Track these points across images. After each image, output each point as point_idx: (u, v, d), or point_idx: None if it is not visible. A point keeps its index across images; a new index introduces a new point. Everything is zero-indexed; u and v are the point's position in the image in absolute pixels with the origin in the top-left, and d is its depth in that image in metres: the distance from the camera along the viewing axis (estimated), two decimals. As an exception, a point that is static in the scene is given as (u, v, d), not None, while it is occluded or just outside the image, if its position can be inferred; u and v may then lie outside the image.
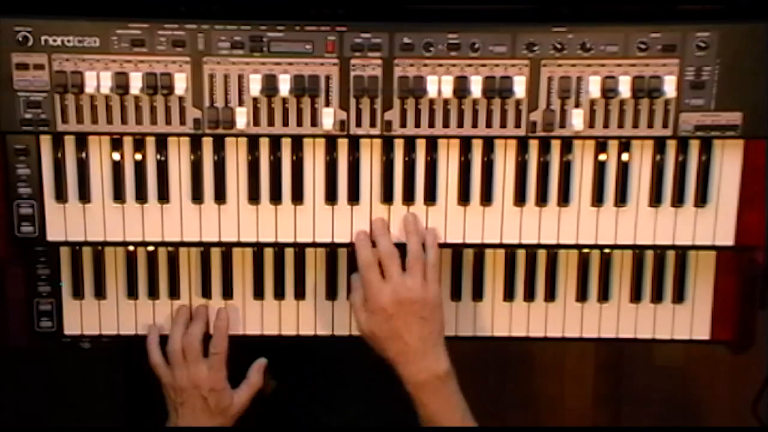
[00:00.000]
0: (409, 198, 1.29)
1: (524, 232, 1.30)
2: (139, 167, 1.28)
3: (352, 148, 1.28)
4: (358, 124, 1.26)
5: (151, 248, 1.34)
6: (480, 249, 1.34)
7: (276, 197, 1.29)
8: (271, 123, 1.26)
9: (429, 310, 1.22)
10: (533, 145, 1.28)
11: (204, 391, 1.29)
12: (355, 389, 1.51)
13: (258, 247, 1.34)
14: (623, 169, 1.29)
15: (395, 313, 1.21)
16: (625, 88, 1.23)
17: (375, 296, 1.22)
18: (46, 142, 1.27)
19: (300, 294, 1.36)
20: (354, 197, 1.29)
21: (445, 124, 1.26)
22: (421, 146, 1.28)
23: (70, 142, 1.27)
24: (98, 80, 1.22)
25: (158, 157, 1.28)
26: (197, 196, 1.29)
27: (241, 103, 1.25)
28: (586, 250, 1.34)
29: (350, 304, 1.28)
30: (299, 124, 1.26)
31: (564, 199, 1.29)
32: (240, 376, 1.35)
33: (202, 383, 1.29)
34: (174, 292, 1.35)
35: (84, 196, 1.28)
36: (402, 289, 1.21)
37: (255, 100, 1.25)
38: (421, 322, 1.22)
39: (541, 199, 1.29)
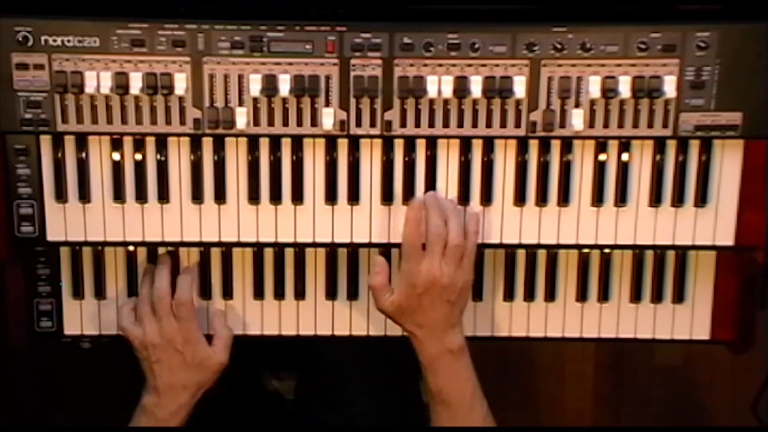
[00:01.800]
0: (409, 198, 1.29)
1: (524, 232, 1.30)
2: (139, 167, 1.28)
3: (352, 148, 1.28)
4: (358, 124, 1.26)
5: (151, 248, 1.34)
6: (480, 249, 1.34)
7: (276, 197, 1.29)
8: (271, 123, 1.26)
9: (456, 295, 1.24)
10: (533, 145, 1.28)
11: (178, 344, 1.27)
12: (356, 389, 1.51)
13: (258, 247, 1.34)
14: (623, 169, 1.29)
15: (424, 292, 1.22)
16: (625, 88, 1.23)
17: (411, 270, 1.23)
18: (46, 142, 1.27)
19: (300, 294, 1.36)
20: (354, 197, 1.29)
21: (445, 124, 1.26)
22: (421, 146, 1.28)
23: (70, 142, 1.27)
24: (98, 80, 1.22)
25: (158, 157, 1.28)
26: (197, 196, 1.29)
27: (241, 103, 1.25)
28: (586, 250, 1.34)
29: (371, 286, 1.27)
30: (299, 124, 1.26)
31: (564, 199, 1.29)
32: (240, 376, 1.35)
33: (174, 336, 1.26)
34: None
35: (84, 196, 1.28)
36: (437, 271, 1.22)
37: (255, 100, 1.25)
38: (445, 305, 1.23)
39: (541, 199, 1.29)
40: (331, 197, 1.29)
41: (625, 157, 1.28)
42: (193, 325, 1.28)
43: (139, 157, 1.28)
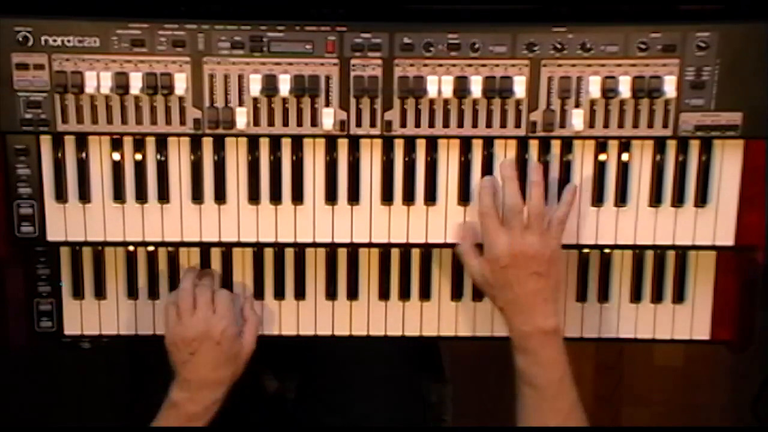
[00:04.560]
0: (409, 198, 1.29)
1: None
2: (139, 167, 1.28)
3: (352, 148, 1.28)
4: (358, 124, 1.26)
5: (151, 248, 1.34)
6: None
7: (276, 197, 1.29)
8: (271, 123, 1.26)
9: (545, 266, 1.20)
10: (533, 145, 1.28)
11: (216, 335, 1.25)
12: (356, 389, 1.51)
13: (258, 247, 1.34)
14: (623, 169, 1.29)
15: (509, 264, 1.20)
16: (625, 88, 1.23)
17: (491, 244, 1.21)
18: (46, 142, 1.27)
19: (300, 294, 1.36)
20: (354, 197, 1.29)
21: (445, 124, 1.26)
22: (421, 146, 1.28)
23: (70, 142, 1.27)
24: (98, 80, 1.22)
25: (158, 157, 1.28)
26: (197, 196, 1.29)
27: (241, 103, 1.25)
28: (586, 250, 1.34)
29: (459, 252, 1.27)
30: (299, 124, 1.26)
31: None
32: (240, 376, 1.35)
33: (213, 329, 1.25)
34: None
35: (84, 196, 1.28)
36: (519, 241, 1.19)
37: (255, 100, 1.25)
38: (534, 278, 1.20)
39: (541, 199, 1.29)
40: (331, 197, 1.29)
41: (625, 157, 1.28)
42: (231, 318, 1.27)
43: (139, 157, 1.28)
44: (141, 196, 1.28)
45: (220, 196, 1.29)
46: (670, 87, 1.23)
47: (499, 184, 1.24)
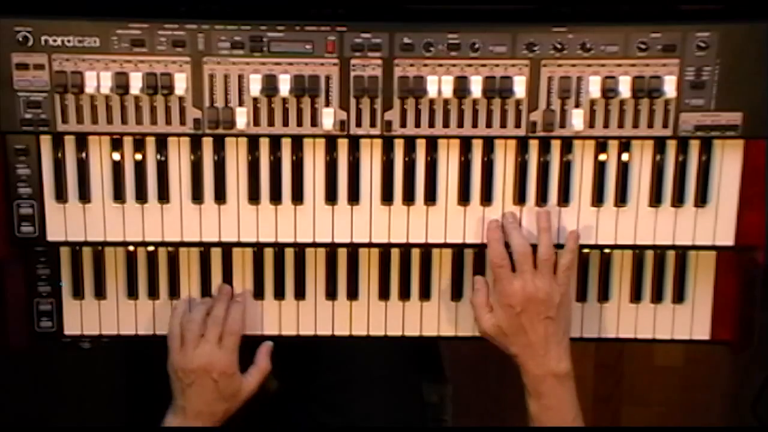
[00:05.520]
0: (409, 198, 1.29)
1: (524, 232, 1.29)
2: (139, 167, 1.28)
3: (352, 148, 1.28)
4: (358, 124, 1.26)
5: (151, 248, 1.34)
6: (480, 249, 1.34)
7: (276, 197, 1.29)
8: (271, 123, 1.26)
9: (554, 311, 1.24)
10: (533, 145, 1.28)
11: (215, 374, 1.27)
12: (356, 389, 1.51)
13: (258, 247, 1.34)
14: (623, 169, 1.29)
15: (522, 310, 1.23)
16: (625, 88, 1.23)
17: (504, 291, 1.24)
18: (46, 142, 1.27)
19: (300, 294, 1.36)
20: (354, 197, 1.29)
21: (445, 124, 1.26)
22: (421, 146, 1.28)
23: (70, 142, 1.27)
24: (98, 80, 1.22)
25: (158, 157, 1.28)
26: (197, 196, 1.29)
27: (241, 103, 1.25)
28: (586, 250, 1.34)
29: (472, 304, 1.29)
30: (299, 124, 1.26)
31: (564, 199, 1.29)
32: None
33: (214, 365, 1.27)
34: (174, 292, 1.35)
35: (84, 196, 1.28)
36: (531, 287, 1.23)
37: (255, 100, 1.25)
38: (546, 322, 1.24)
39: (541, 199, 1.29)
40: (331, 197, 1.29)
41: (625, 157, 1.28)
42: (234, 357, 1.29)
43: (139, 157, 1.28)
44: (141, 196, 1.28)
45: (220, 196, 1.29)
46: (670, 87, 1.23)
47: (502, 231, 1.28)
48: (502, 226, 1.28)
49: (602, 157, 1.29)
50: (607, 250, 1.34)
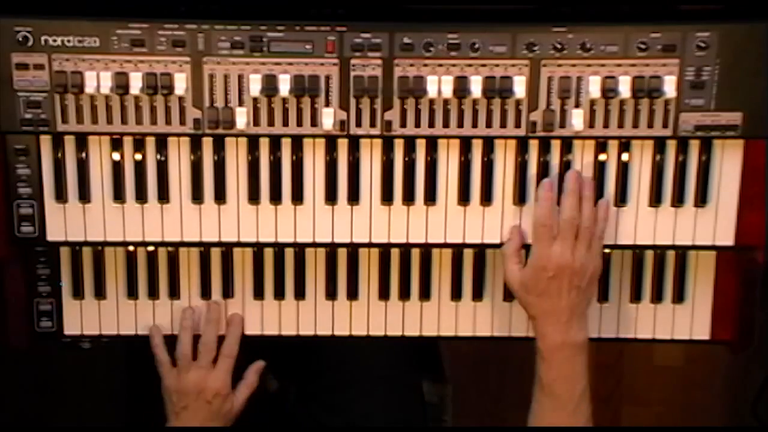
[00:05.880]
0: (409, 198, 1.29)
1: (524, 232, 1.29)
2: (139, 167, 1.28)
3: (352, 148, 1.28)
4: (358, 124, 1.26)
5: (151, 248, 1.34)
6: (480, 249, 1.34)
7: (276, 197, 1.29)
8: (271, 123, 1.26)
9: (586, 281, 1.24)
10: (533, 145, 1.28)
11: (209, 395, 1.30)
12: (356, 389, 1.51)
13: (258, 247, 1.34)
14: (623, 169, 1.29)
15: (555, 275, 1.22)
16: (625, 88, 1.23)
17: (541, 253, 1.23)
18: (46, 142, 1.27)
19: (300, 294, 1.36)
20: (354, 197, 1.29)
21: (445, 124, 1.26)
22: (421, 146, 1.28)
23: (70, 142, 1.27)
24: (98, 80, 1.22)
25: (158, 157, 1.28)
26: (197, 196, 1.29)
27: (241, 103, 1.25)
28: (586, 250, 1.34)
29: (502, 252, 1.28)
30: (299, 124, 1.26)
31: (564, 199, 1.29)
32: (238, 377, 1.35)
33: (208, 387, 1.30)
34: (174, 293, 1.35)
35: (84, 196, 1.28)
36: (569, 255, 1.22)
37: (255, 100, 1.25)
38: (575, 291, 1.23)
39: (541, 199, 1.29)
40: (331, 197, 1.29)
41: (625, 157, 1.28)
42: (228, 378, 1.31)
43: (139, 157, 1.28)
44: (141, 196, 1.28)
45: (220, 196, 1.29)
46: (670, 87, 1.23)
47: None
48: (566, 186, 1.24)
49: (602, 157, 1.29)
50: (607, 250, 1.34)
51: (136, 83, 1.23)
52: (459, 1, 1.26)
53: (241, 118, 1.25)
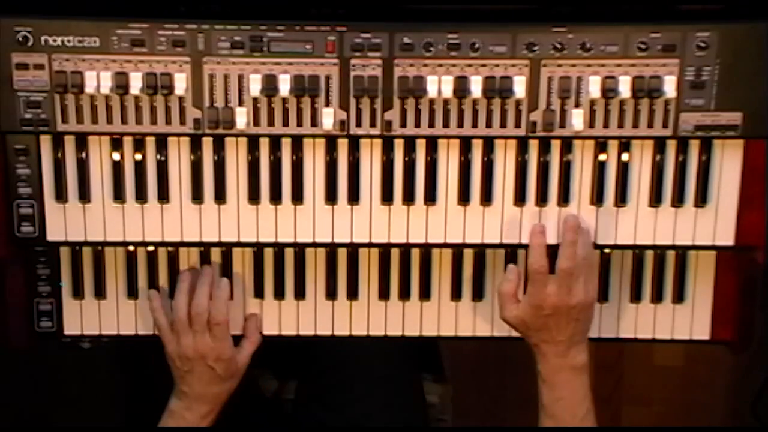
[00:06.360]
0: (409, 198, 1.29)
1: (524, 232, 1.29)
2: (139, 167, 1.28)
3: (352, 148, 1.28)
4: (358, 124, 1.26)
5: (151, 248, 1.34)
6: (480, 249, 1.34)
7: (276, 197, 1.29)
8: (271, 123, 1.26)
9: (584, 313, 1.25)
10: (533, 145, 1.28)
11: (210, 360, 1.28)
12: (356, 389, 1.51)
13: (258, 247, 1.34)
14: (623, 169, 1.29)
15: (552, 313, 1.24)
16: (625, 88, 1.23)
17: (537, 293, 1.24)
18: (46, 142, 1.27)
19: (300, 294, 1.36)
20: (354, 197, 1.29)
21: (445, 124, 1.26)
22: (421, 146, 1.28)
23: (70, 142, 1.27)
24: (98, 80, 1.22)
25: (158, 157, 1.28)
26: (197, 196, 1.29)
27: (241, 103, 1.25)
28: (586, 250, 1.34)
29: (499, 292, 1.29)
30: (299, 124, 1.26)
31: (564, 199, 1.29)
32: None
33: (208, 353, 1.28)
34: (174, 293, 1.35)
35: (84, 196, 1.28)
36: (565, 295, 1.23)
37: (255, 100, 1.25)
38: (573, 323, 1.24)
39: (541, 199, 1.29)
40: (331, 197, 1.29)
41: (625, 157, 1.28)
42: (226, 343, 1.29)
43: (139, 157, 1.28)
44: (141, 196, 1.28)
45: (220, 196, 1.29)
46: (670, 87, 1.23)
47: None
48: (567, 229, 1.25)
49: (602, 157, 1.29)
50: (607, 250, 1.34)
51: (136, 83, 1.23)
52: (459, 1, 1.26)
53: (241, 118, 1.25)
